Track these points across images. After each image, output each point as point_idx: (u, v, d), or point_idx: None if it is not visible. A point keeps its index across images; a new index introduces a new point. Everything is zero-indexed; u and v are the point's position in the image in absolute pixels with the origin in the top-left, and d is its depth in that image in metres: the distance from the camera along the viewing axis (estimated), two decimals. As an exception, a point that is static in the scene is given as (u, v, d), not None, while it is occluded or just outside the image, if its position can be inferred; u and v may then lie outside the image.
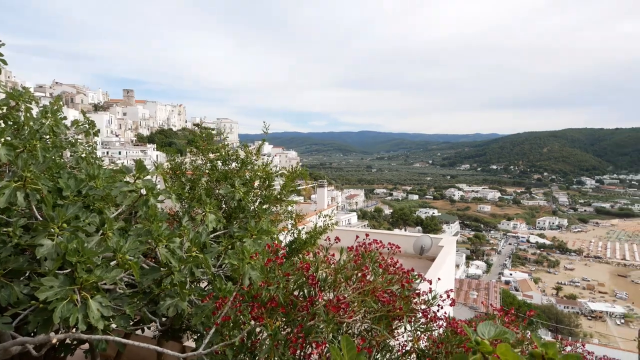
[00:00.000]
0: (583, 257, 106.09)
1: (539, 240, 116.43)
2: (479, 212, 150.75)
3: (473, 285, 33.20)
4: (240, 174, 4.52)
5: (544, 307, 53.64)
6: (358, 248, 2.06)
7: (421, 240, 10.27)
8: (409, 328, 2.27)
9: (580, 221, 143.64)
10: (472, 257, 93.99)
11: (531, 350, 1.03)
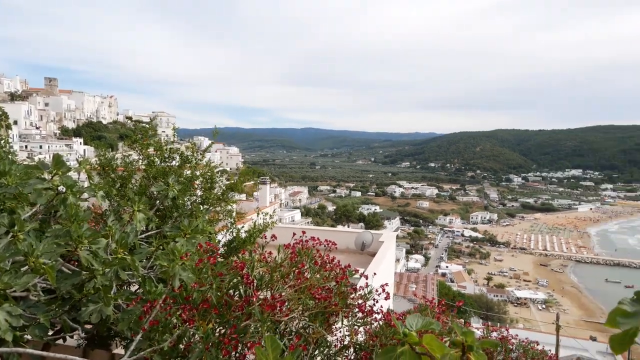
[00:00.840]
0: (510, 248, 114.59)
1: (472, 234, 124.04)
2: (418, 208, 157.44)
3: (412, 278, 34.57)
4: (180, 171, 4.35)
5: (476, 296, 57.33)
6: (295, 245, 2.05)
7: (362, 236, 10.53)
8: (347, 323, 2.31)
9: (509, 215, 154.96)
10: (412, 251, 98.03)
11: (453, 339, 1.08)
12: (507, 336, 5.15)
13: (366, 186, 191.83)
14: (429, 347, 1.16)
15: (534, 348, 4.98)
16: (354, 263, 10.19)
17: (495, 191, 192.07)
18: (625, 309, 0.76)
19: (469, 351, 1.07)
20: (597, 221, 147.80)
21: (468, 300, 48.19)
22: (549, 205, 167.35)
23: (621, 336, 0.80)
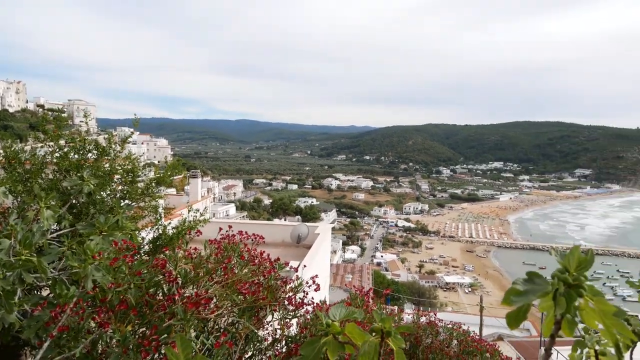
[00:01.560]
0: (440, 237, 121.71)
1: (405, 224, 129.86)
2: (354, 200, 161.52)
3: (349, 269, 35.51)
4: (98, 164, 4.05)
5: (409, 283, 60.25)
6: (221, 241, 2.01)
7: (298, 229, 10.59)
8: (277, 316, 2.32)
9: (438, 206, 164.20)
10: (348, 242, 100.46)
11: (372, 326, 1.13)
12: (435, 320, 5.50)
13: (303, 179, 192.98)
14: (351, 336, 1.20)
15: (458, 329, 5.36)
16: (290, 256, 10.18)
17: (426, 183, 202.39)
18: (518, 289, 0.84)
19: (387, 337, 1.12)
20: (515, 209, 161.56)
21: (402, 288, 50.50)
22: (475, 196, 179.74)
23: (515, 313, 0.89)
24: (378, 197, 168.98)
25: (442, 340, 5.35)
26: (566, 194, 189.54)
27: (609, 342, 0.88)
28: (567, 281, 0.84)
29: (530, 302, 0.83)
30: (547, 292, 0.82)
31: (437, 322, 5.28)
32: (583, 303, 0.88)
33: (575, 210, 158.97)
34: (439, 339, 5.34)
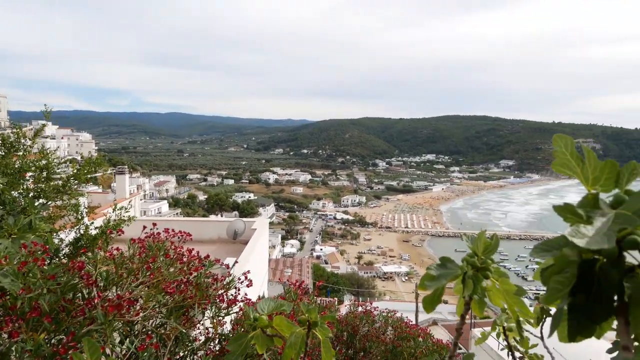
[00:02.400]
0: (378, 228, 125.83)
1: (344, 217, 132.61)
2: (292, 194, 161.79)
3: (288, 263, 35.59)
4: (6, 161, 3.69)
5: (349, 274, 61.72)
6: (145, 239, 1.93)
7: (234, 225, 10.43)
8: (209, 315, 2.29)
9: (375, 198, 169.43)
10: (288, 236, 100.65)
11: (299, 317, 1.15)
12: (370, 309, 5.70)
13: (239, 174, 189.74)
14: (279, 328, 1.22)
15: (393, 316, 5.60)
16: (226, 253, 9.96)
17: (363, 175, 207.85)
18: (432, 274, 0.90)
19: (314, 327, 1.15)
20: (447, 199, 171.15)
21: (341, 280, 51.60)
22: (409, 187, 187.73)
23: (430, 297, 0.95)
24: (316, 190, 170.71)
25: (378, 327, 5.56)
26: (492, 184, 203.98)
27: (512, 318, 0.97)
28: (475, 264, 0.92)
29: (442, 285, 0.90)
30: (457, 275, 0.89)
31: (373, 310, 5.48)
32: (490, 284, 0.97)
33: (500, 199, 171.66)
34: (375, 327, 5.55)
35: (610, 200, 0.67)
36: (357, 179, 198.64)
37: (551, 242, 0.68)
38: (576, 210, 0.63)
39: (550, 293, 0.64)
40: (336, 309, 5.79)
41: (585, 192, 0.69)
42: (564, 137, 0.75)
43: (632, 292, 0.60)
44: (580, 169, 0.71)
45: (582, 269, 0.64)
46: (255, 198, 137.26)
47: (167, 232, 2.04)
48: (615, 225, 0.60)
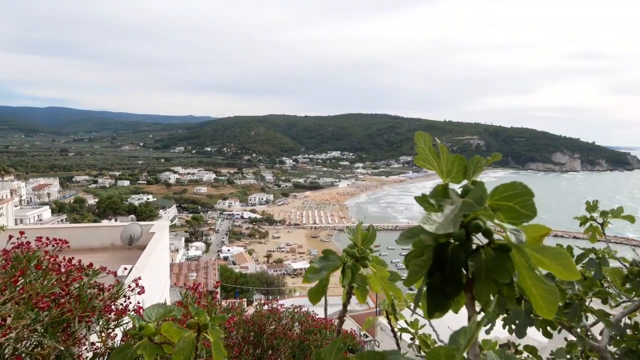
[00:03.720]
0: (286, 225, 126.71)
1: (251, 216, 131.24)
2: (196, 194, 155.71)
3: (192, 267, 34.26)
4: None
5: (258, 274, 61.32)
6: (11, 250, 1.72)
7: (130, 230, 9.74)
8: (96, 329, 2.12)
9: (283, 195, 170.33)
10: (192, 239, 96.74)
11: (189, 321, 1.13)
12: (277, 307, 5.75)
13: (136, 174, 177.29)
14: (168, 335, 1.18)
15: (299, 312, 5.72)
16: (120, 260, 9.29)
17: (270, 173, 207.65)
18: (315, 266, 0.95)
19: (204, 330, 1.14)
20: (352, 195, 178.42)
21: (250, 279, 51.07)
22: (316, 184, 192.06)
23: (315, 289, 1.00)
24: (222, 189, 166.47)
25: (285, 324, 5.64)
26: (393, 179, 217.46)
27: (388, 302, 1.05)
28: (355, 255, 0.99)
29: (324, 277, 0.94)
30: (338, 266, 0.94)
31: (279, 308, 5.54)
32: (371, 273, 1.05)
33: (399, 192, 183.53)
34: (282, 324, 5.62)
35: (461, 190, 0.77)
36: (264, 177, 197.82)
37: (413, 230, 0.76)
38: (429, 199, 0.71)
39: (410, 275, 0.72)
40: (242, 309, 5.74)
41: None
42: (423, 134, 0.84)
43: (475, 269, 0.70)
44: (437, 163, 0.81)
45: (438, 252, 0.72)
46: (155, 200, 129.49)
47: (39, 241, 1.84)
48: (461, 212, 0.69)
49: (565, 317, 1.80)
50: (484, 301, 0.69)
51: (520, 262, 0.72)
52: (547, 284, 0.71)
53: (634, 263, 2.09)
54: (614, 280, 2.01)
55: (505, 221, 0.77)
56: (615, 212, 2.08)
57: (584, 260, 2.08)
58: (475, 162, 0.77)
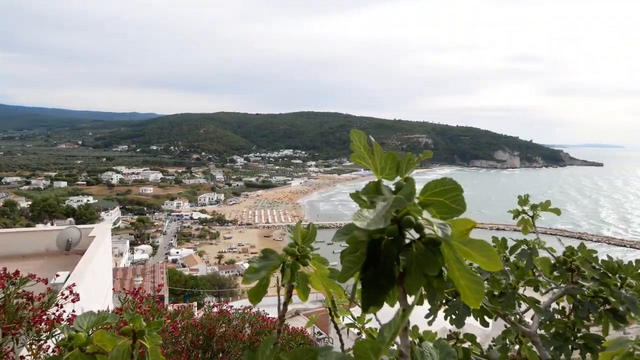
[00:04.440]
0: (238, 225, 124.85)
1: (201, 216, 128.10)
2: (141, 194, 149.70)
3: (138, 271, 32.99)
4: None
5: (209, 276, 59.91)
6: None
7: (67, 234, 9.19)
8: (27, 341, 1.99)
9: (234, 195, 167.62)
10: (137, 242, 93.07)
11: (123, 328, 1.09)
12: (226, 309, 5.66)
13: (74, 174, 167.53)
14: (101, 344, 1.13)
15: (249, 313, 5.66)
16: (56, 266, 8.78)
17: (220, 172, 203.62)
18: (254, 266, 0.94)
19: (140, 337, 1.10)
20: (305, 193, 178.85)
21: (201, 282, 49.85)
22: (269, 183, 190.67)
23: (256, 289, 1.00)
24: (169, 190, 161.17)
25: (235, 326, 5.57)
26: (346, 177, 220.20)
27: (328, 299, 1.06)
28: (295, 253, 0.99)
29: (263, 277, 0.94)
30: (277, 265, 0.94)
31: (229, 310, 5.46)
32: (313, 271, 1.06)
33: (351, 190, 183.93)
34: (232, 326, 5.54)
35: (394, 186, 0.79)
36: (214, 176, 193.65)
37: (349, 227, 0.77)
38: (360, 196, 0.73)
39: (344, 271, 0.73)
40: (190, 313, 5.60)
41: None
42: (358, 132, 0.85)
43: (406, 263, 0.73)
44: (372, 160, 0.83)
45: (371, 248, 0.74)
46: (96, 201, 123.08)
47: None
48: (392, 208, 0.71)
49: (500, 305, 1.91)
50: (414, 294, 0.72)
51: (450, 255, 0.76)
52: (473, 275, 0.75)
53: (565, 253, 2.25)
54: (544, 269, 2.16)
55: (438, 216, 0.81)
56: (544, 205, 2.23)
57: (517, 251, 2.21)
58: (407, 160, 0.80)
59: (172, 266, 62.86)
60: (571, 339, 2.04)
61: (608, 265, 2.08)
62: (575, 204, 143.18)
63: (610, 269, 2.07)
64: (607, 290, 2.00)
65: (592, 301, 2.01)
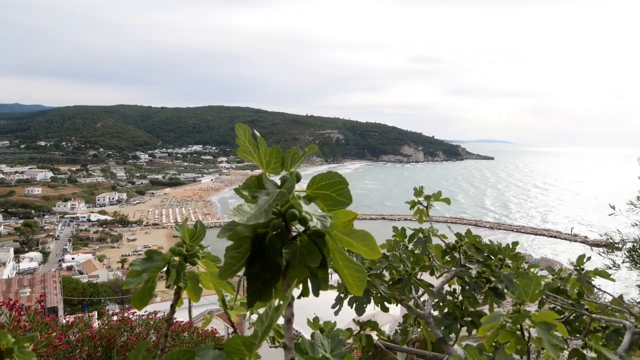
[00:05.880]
0: (143, 226, 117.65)
1: (101, 217, 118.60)
2: (27, 196, 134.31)
3: (26, 282, 29.70)
4: None
5: (111, 282, 55.80)
6: None
7: None
8: None
9: (138, 193, 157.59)
10: (24, 249, 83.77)
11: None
12: (128, 315, 5.31)
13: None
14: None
15: (154, 318, 5.37)
16: None
17: (122, 170, 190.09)
18: (136, 269, 0.89)
19: (9, 355, 0.99)
20: (217, 190, 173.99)
21: (102, 289, 46.33)
22: (177, 180, 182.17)
23: (140, 293, 0.94)
24: (62, 190, 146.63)
25: (139, 333, 5.26)
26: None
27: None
28: (182, 253, 0.95)
29: (146, 279, 0.89)
30: (160, 267, 0.90)
31: (131, 316, 5.14)
32: (204, 270, 1.03)
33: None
34: (135, 334, 5.23)
35: (280, 180, 0.80)
36: (114, 174, 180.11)
37: (233, 223, 0.76)
38: (241, 191, 0.72)
39: (225, 268, 0.72)
40: (85, 324, 5.16)
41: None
42: (242, 126, 0.85)
43: (290, 256, 0.74)
44: (257, 154, 0.83)
45: (256, 242, 0.74)
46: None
47: None
48: (275, 202, 0.71)
49: (397, 291, 2.03)
50: (296, 286, 0.74)
51: (334, 246, 0.78)
52: (355, 264, 0.79)
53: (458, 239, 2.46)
54: (437, 255, 2.35)
55: (325, 209, 0.84)
56: (436, 196, 2.42)
57: (414, 240, 2.38)
58: (292, 154, 0.81)
59: (67, 274, 57.44)
60: (460, 318, 2.24)
61: (490, 248, 2.32)
62: (465, 193, 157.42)
63: (492, 252, 2.31)
64: (489, 271, 2.23)
65: (477, 282, 2.23)
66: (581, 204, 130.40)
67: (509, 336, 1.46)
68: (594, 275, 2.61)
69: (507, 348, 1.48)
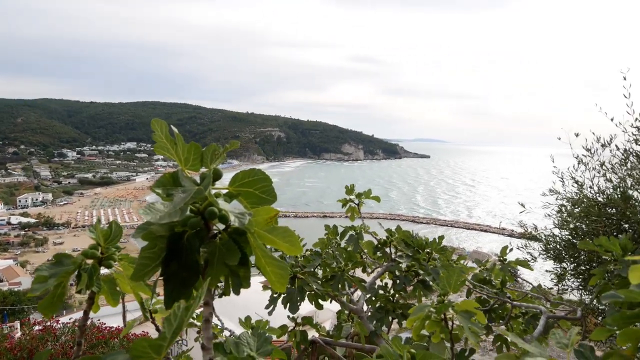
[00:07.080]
0: (72, 228, 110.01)
1: (23, 220, 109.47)
2: None
3: None
4: None
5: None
6: None
7: None
8: None
9: (66, 193, 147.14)
10: None
11: None
12: (51, 324, 4.95)
13: None
14: None
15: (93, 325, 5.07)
16: None
17: (47, 168, 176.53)
18: (43, 275, 0.82)
19: None
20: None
21: (25, 297, 42.80)
22: (108, 179, 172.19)
23: (49, 300, 0.87)
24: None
25: (65, 342, 4.93)
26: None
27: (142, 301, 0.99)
28: (96, 255, 0.90)
29: (55, 285, 0.83)
30: (71, 271, 0.84)
31: (55, 325, 4.79)
32: (122, 272, 0.97)
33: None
34: (60, 343, 4.89)
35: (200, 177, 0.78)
36: (38, 173, 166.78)
37: (148, 222, 0.73)
38: (155, 189, 0.69)
39: (138, 269, 0.69)
40: (3, 335, 4.74)
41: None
42: (159, 121, 0.81)
43: (209, 255, 0.72)
44: (175, 150, 0.79)
45: (173, 242, 0.71)
46: None
47: None
48: (191, 200, 0.69)
49: (331, 287, 2.06)
50: (214, 284, 0.72)
51: (256, 244, 0.77)
52: (278, 261, 0.78)
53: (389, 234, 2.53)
54: (369, 251, 2.40)
55: (249, 206, 0.82)
56: (366, 194, 2.48)
57: (346, 237, 2.42)
58: (211, 150, 0.79)
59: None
60: (392, 311, 2.31)
61: (418, 242, 2.41)
62: (399, 190, 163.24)
63: (420, 246, 2.41)
64: (418, 264, 2.32)
65: (407, 275, 2.32)
66: (504, 200, 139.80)
67: (435, 326, 1.53)
68: (516, 265, 2.81)
69: (433, 337, 1.55)
